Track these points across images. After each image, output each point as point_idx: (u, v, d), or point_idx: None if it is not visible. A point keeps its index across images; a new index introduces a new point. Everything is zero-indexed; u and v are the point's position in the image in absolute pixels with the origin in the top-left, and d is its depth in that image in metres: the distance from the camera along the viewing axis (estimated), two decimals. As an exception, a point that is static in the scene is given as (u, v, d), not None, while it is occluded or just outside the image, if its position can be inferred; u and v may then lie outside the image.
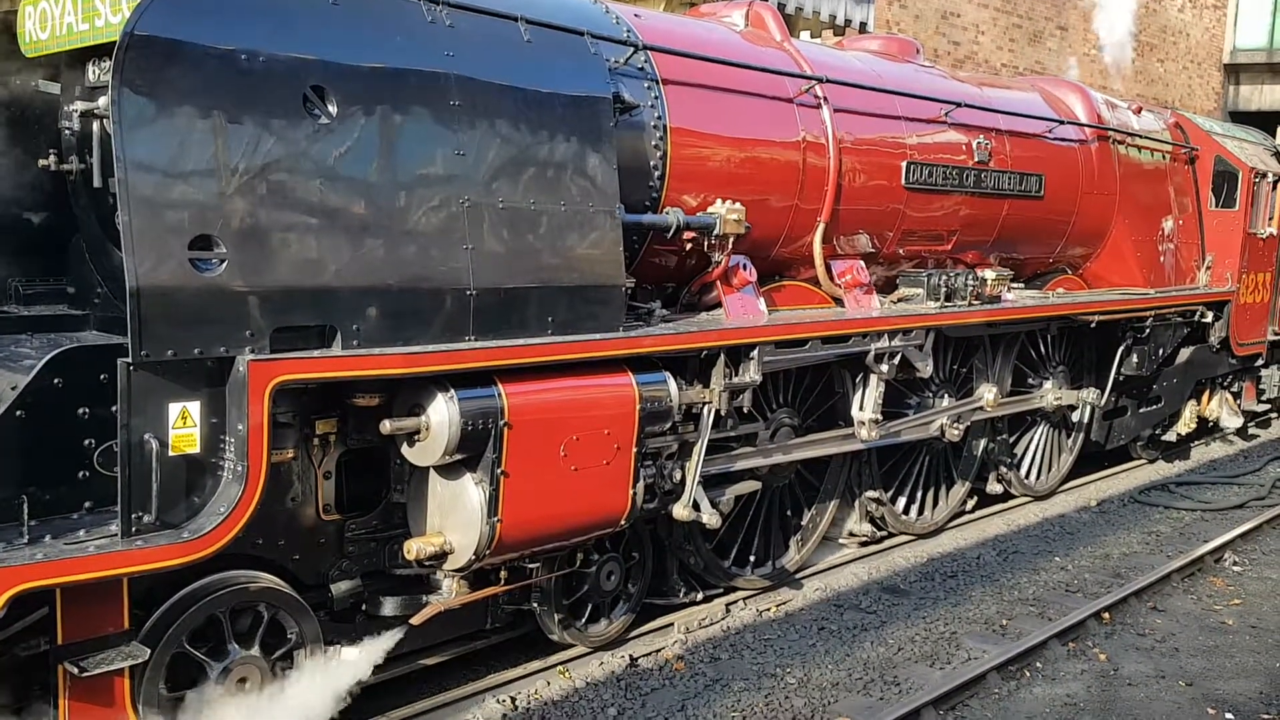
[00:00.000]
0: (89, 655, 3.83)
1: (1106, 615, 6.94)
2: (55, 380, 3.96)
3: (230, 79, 3.95)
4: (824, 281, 7.04)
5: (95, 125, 4.13)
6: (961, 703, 5.70)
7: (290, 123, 4.10)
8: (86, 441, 4.04)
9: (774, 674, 5.98)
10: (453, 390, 4.61)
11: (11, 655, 3.77)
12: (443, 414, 4.59)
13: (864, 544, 8.03)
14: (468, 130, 4.64)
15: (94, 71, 4.54)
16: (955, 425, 7.97)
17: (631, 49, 5.70)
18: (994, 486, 9.23)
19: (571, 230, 5.04)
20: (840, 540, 7.95)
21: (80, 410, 4.02)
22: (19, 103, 4.85)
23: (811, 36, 12.40)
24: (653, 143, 5.80)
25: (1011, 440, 9.33)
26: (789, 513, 7.30)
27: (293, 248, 4.12)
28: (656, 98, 5.83)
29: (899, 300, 7.60)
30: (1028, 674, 6.13)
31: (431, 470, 4.86)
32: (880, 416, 7.20)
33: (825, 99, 6.84)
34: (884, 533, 8.18)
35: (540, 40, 5.06)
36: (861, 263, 7.30)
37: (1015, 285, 8.62)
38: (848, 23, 13.34)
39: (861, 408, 7.17)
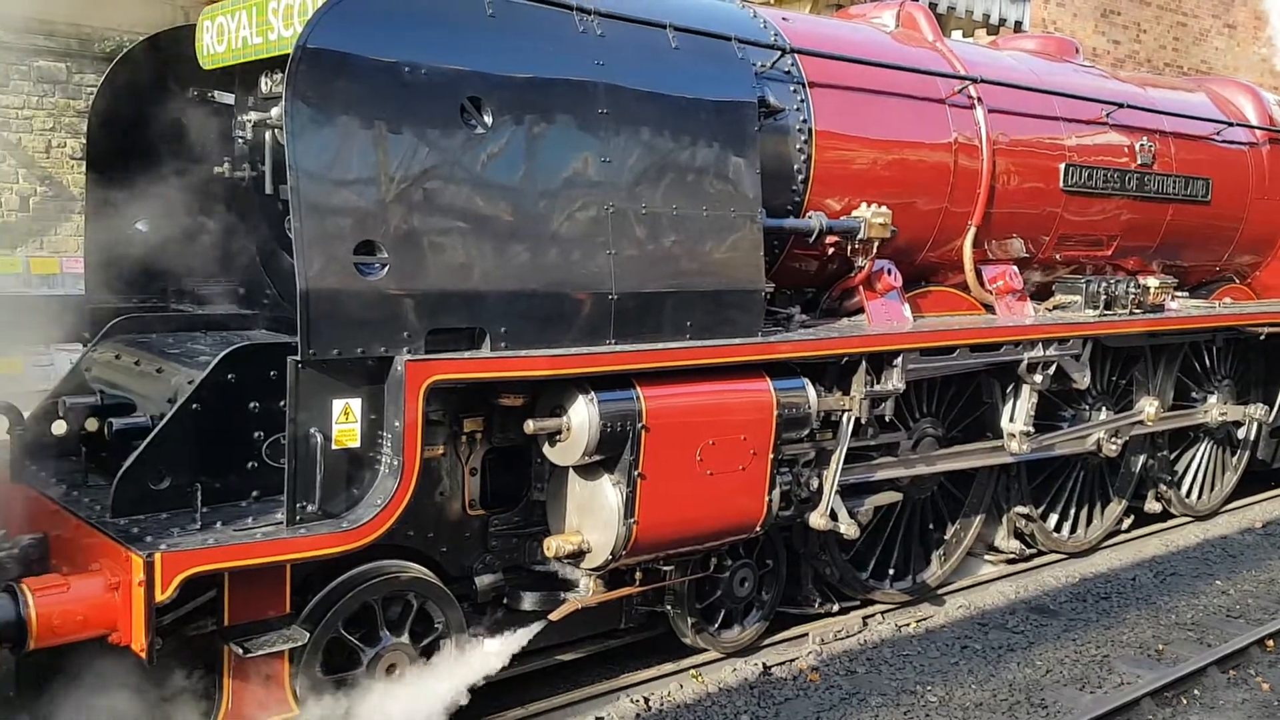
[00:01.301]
0: (253, 637, 4.05)
1: (1270, 643, 6.53)
2: (229, 376, 4.19)
3: (393, 90, 4.11)
4: (974, 287, 6.83)
5: (267, 134, 4.36)
6: (1114, 730, 5.44)
7: (446, 132, 4.24)
8: (256, 434, 4.27)
9: (913, 691, 5.83)
10: (593, 392, 4.67)
11: (181, 634, 4.01)
12: (583, 415, 4.66)
13: (1011, 561, 7.74)
14: (614, 137, 4.70)
15: (266, 83, 4.80)
16: (1112, 440, 7.62)
17: (778, 53, 5.66)
18: (1152, 505, 8.74)
19: (712, 235, 5.04)
20: (985, 556, 7.69)
21: (251, 404, 4.24)
22: (196, 113, 5.17)
23: (964, 36, 12.06)
24: (797, 146, 5.74)
25: (1172, 457, 8.82)
26: (931, 526, 7.10)
27: (447, 253, 4.26)
28: (802, 101, 5.77)
29: (1054, 308, 7.32)
30: (1184, 701, 5.81)
31: (571, 470, 4.94)
32: (1032, 429, 6.93)
33: (979, 99, 6.65)
34: (1033, 550, 7.86)
35: (687, 46, 5.08)
36: (1015, 268, 7.06)
37: (1179, 294, 8.17)
38: (1002, 22, 12.95)
39: (1012, 419, 6.91)
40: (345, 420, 4.16)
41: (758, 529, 5.43)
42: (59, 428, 4.48)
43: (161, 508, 4.06)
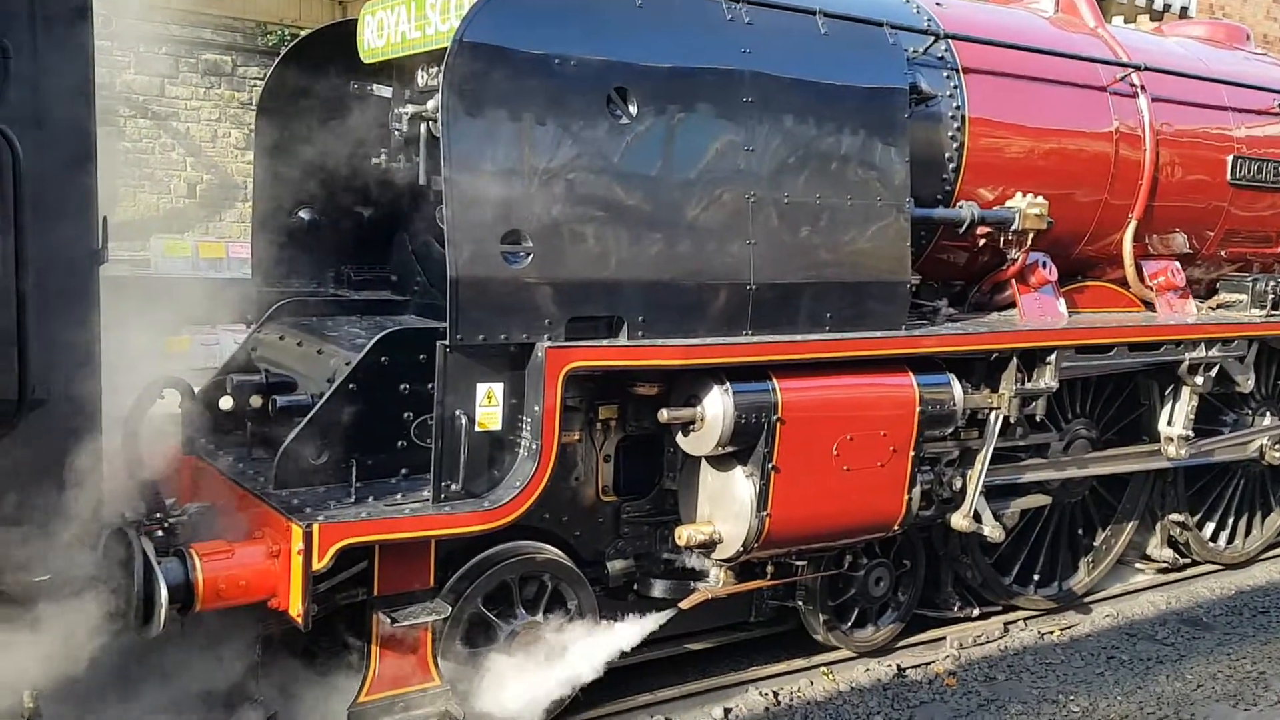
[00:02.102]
0: (400, 608, 4.22)
1: None
2: (382, 358, 4.35)
3: (543, 82, 4.18)
4: (1133, 283, 6.51)
5: (422, 127, 4.50)
6: (1272, 754, 5.12)
7: (591, 123, 4.29)
8: (405, 414, 4.42)
9: (1056, 700, 5.61)
10: (728, 383, 4.66)
11: (334, 603, 4.20)
12: (718, 406, 4.65)
13: (1162, 571, 7.37)
14: (757, 125, 4.65)
15: (423, 76, 4.95)
16: (1276, 446, 7.21)
17: (931, 38, 5.50)
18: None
19: (856, 225, 4.94)
20: (1136, 565, 7.36)
21: (401, 386, 4.39)
22: (356, 106, 5.38)
23: (1126, 22, 11.48)
24: (949, 134, 5.58)
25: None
26: (1080, 531, 6.81)
27: (588, 242, 4.31)
28: (956, 87, 5.60)
29: (1218, 306, 6.96)
30: (1354, 731, 5.42)
31: (704, 460, 4.94)
32: (1191, 433, 6.57)
33: (1142, 87, 6.35)
34: (1186, 560, 7.48)
35: (837, 33, 4.98)
36: (1177, 264, 6.71)
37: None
38: (1166, 8, 12.31)
39: (1170, 423, 6.57)
40: (488, 404, 4.27)
41: (895, 528, 5.31)
42: (226, 403, 4.74)
43: (319, 482, 4.26)
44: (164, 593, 3.82)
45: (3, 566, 3.43)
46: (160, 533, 3.99)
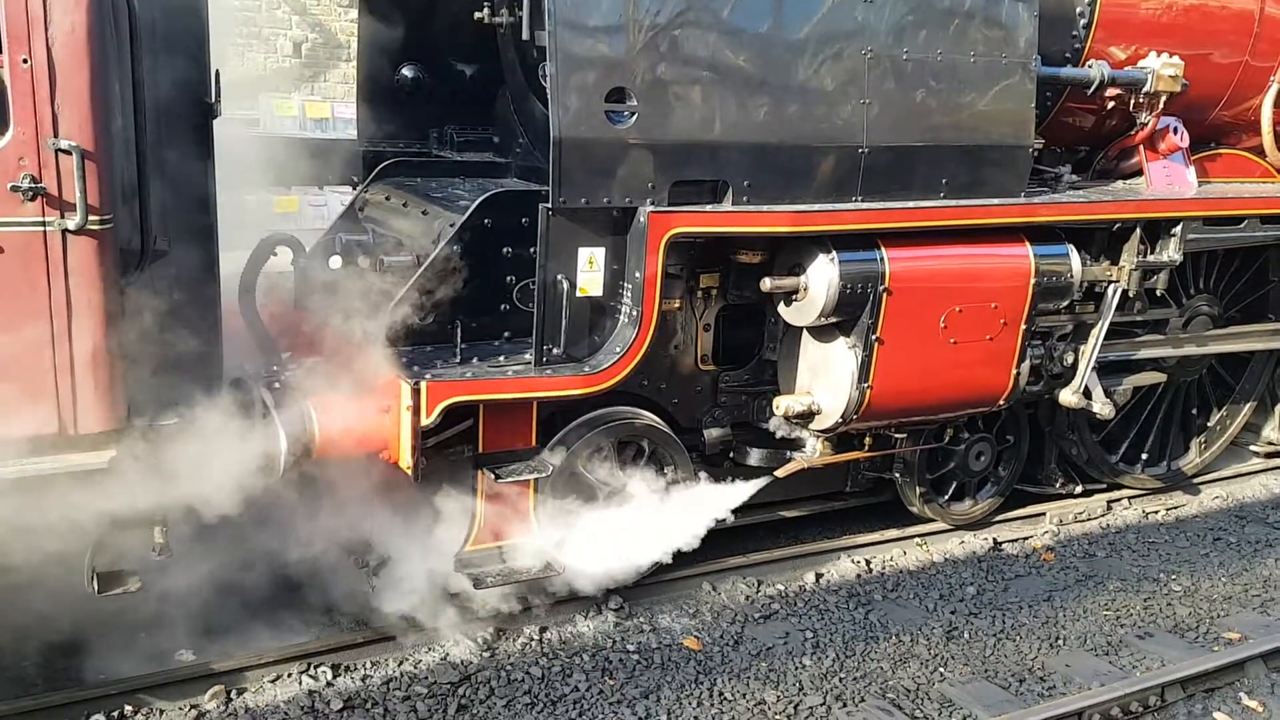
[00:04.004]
0: (504, 465, 4.34)
1: None
2: (485, 220, 4.35)
3: (650, -71, 3.99)
4: (1271, 151, 6.08)
5: (527, -22, 4.36)
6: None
7: (700, -28, 4.09)
8: (508, 278, 4.45)
9: (1157, 579, 5.54)
10: (835, 251, 4.54)
11: (443, 458, 4.34)
12: (822, 275, 4.55)
13: (1276, 454, 7.10)
14: (877, -25, 4.39)
15: (526, -74, 4.77)
16: None
17: (1067, -123, 5.06)
18: None
19: (978, 84, 4.68)
20: (1251, 447, 7.10)
21: (504, 249, 4.40)
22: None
23: None
24: (1082, -14, 5.19)
25: None
26: (1194, 411, 6.59)
27: (693, 103, 4.18)
28: (1091, -66, 5.17)
29: (1367, 178, 6.41)
30: None
31: (805, 330, 4.87)
32: (1323, 312, 6.22)
33: (1302, -68, 5.74)
34: (1306, 445, 7.18)
35: (963, -127, 4.60)
36: (1323, 131, 6.19)
37: None
38: None
39: (1300, 301, 6.22)
40: (590, 269, 4.26)
41: (1001, 403, 5.20)
42: (335, 262, 4.83)
43: (425, 342, 4.35)
44: (283, 441, 3.99)
45: (135, 411, 3.61)
46: (277, 385, 4.14)
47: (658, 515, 4.81)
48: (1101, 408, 5.49)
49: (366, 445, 4.15)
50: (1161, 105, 5.42)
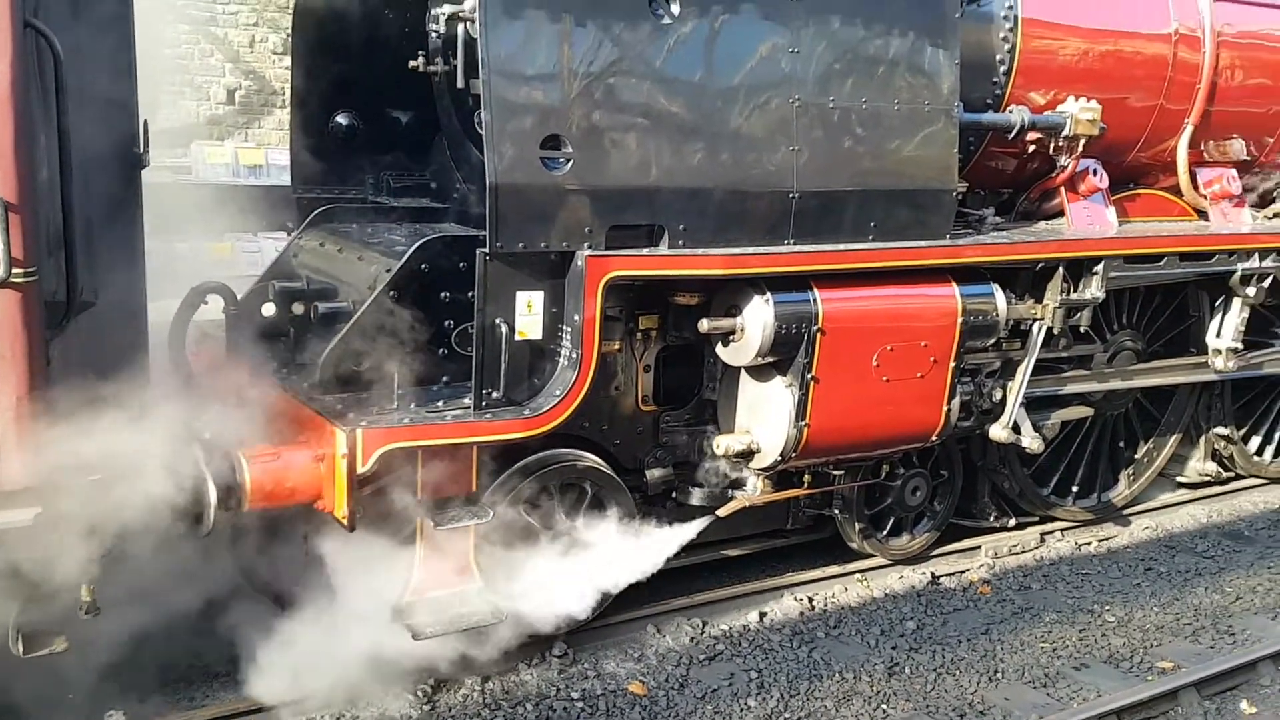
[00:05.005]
0: (443, 512, 4.30)
1: None
2: (422, 265, 4.35)
3: (582, -20, 4.06)
4: (1186, 191, 6.33)
5: (460, 28, 4.41)
6: (1309, 665, 5.14)
7: (632, 24, 4.18)
8: (446, 322, 4.44)
9: (1091, 610, 5.65)
10: (769, 293, 4.62)
11: (386, 503, 4.28)
12: (758, 316, 4.62)
13: (1202, 484, 7.31)
14: (804, 26, 4.51)
15: (460, -25, 4.82)
16: (1331, 361, 6.99)
17: (983, -67, 5.27)
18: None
19: (903, 130, 4.81)
20: (1177, 478, 7.30)
21: (442, 294, 4.40)
22: (392, 8, 5.27)
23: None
24: (1001, 35, 5.39)
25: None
26: (1122, 444, 6.77)
27: (628, 148, 4.24)
28: (1008, -15, 5.38)
29: (1275, 215, 6.73)
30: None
31: (743, 370, 4.93)
32: (1241, 345, 6.46)
33: (1205, -15, 6.04)
34: (1230, 474, 7.42)
35: (885, -73, 4.78)
36: (1233, 172, 6.50)
37: None
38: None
39: (1219, 334, 6.46)
40: (528, 313, 4.27)
41: (934, 439, 5.30)
42: (268, 309, 4.78)
43: (361, 388, 4.31)
44: (212, 494, 3.92)
45: (58, 466, 3.52)
46: (207, 435, 4.07)
47: (600, 558, 4.80)
48: (1030, 442, 5.62)
49: (301, 495, 4.09)
50: (1081, 148, 5.61)
